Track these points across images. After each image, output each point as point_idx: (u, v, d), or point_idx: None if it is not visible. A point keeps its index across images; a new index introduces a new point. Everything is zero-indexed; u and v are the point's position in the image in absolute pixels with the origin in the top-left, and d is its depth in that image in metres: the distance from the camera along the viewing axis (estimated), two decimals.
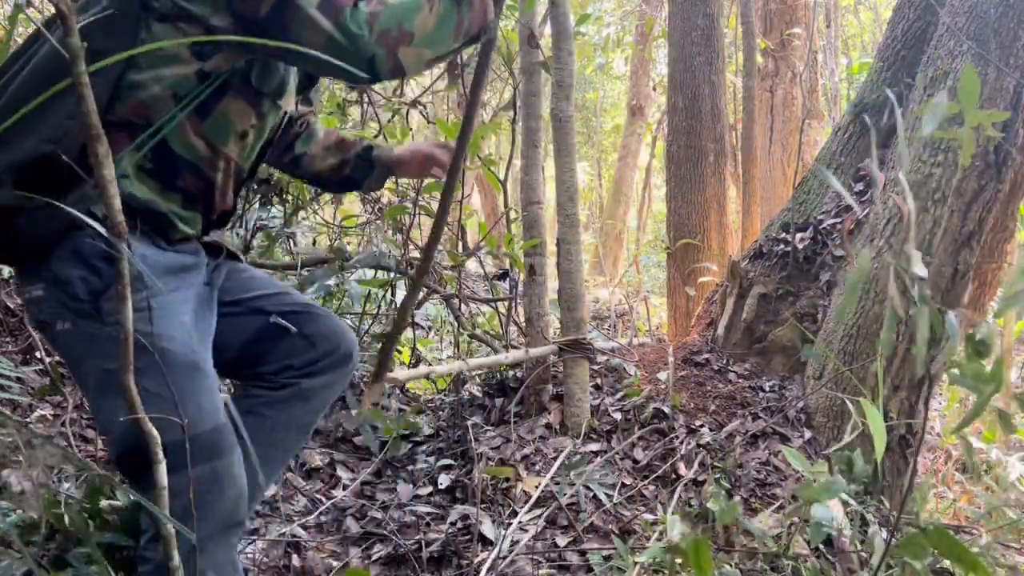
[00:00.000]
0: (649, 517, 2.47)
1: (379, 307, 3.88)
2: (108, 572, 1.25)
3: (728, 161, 5.22)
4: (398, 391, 3.52)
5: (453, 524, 2.45)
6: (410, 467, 2.89)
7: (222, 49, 1.32)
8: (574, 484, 2.54)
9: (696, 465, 2.75)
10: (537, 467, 2.73)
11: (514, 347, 3.30)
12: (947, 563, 1.81)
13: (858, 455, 2.06)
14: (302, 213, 3.69)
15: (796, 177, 4.40)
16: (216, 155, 1.44)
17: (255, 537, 2.24)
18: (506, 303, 3.75)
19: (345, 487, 2.75)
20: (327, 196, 3.88)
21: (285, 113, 1.60)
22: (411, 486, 2.76)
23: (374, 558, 2.26)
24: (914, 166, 3.10)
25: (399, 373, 2.47)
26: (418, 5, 1.28)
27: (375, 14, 1.25)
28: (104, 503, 1.66)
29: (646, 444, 2.91)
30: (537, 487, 2.56)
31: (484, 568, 2.14)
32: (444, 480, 2.73)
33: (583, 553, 2.25)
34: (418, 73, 1.34)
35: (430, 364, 3.86)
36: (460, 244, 3.74)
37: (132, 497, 1.13)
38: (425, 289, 3.80)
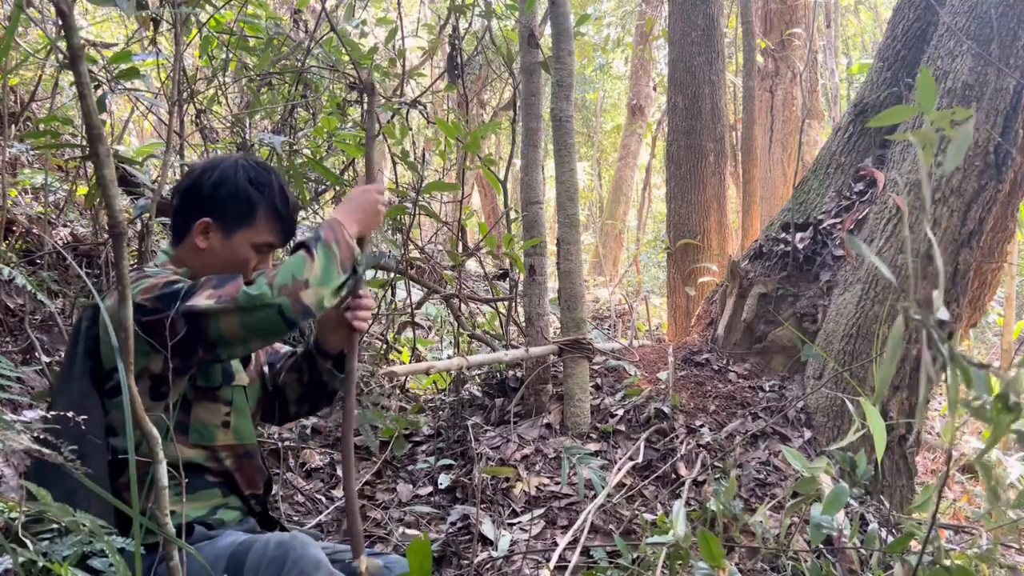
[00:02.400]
0: (649, 517, 2.47)
1: (379, 306, 3.88)
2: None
3: (728, 161, 5.22)
4: (398, 391, 3.52)
5: (453, 524, 2.45)
6: (410, 467, 2.89)
7: (172, 382, 1.49)
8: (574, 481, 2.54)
9: (697, 465, 2.75)
10: (537, 467, 2.73)
11: (514, 347, 3.30)
12: (947, 562, 1.81)
13: (861, 456, 2.05)
14: (302, 213, 3.69)
15: (796, 177, 4.40)
16: (215, 452, 1.62)
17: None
18: (506, 303, 3.75)
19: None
20: (327, 196, 3.89)
21: (252, 384, 1.78)
22: (411, 486, 2.76)
23: None
24: (914, 166, 3.11)
25: (398, 368, 2.48)
26: (302, 259, 1.47)
27: (271, 275, 1.44)
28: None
29: (646, 444, 2.91)
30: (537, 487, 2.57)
31: (484, 568, 2.14)
32: (444, 480, 2.73)
33: (584, 552, 2.25)
34: (323, 310, 1.50)
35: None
36: (460, 244, 3.74)
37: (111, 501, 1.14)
38: (425, 289, 3.80)
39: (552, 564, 2.06)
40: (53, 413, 1.42)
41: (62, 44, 2.33)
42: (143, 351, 1.45)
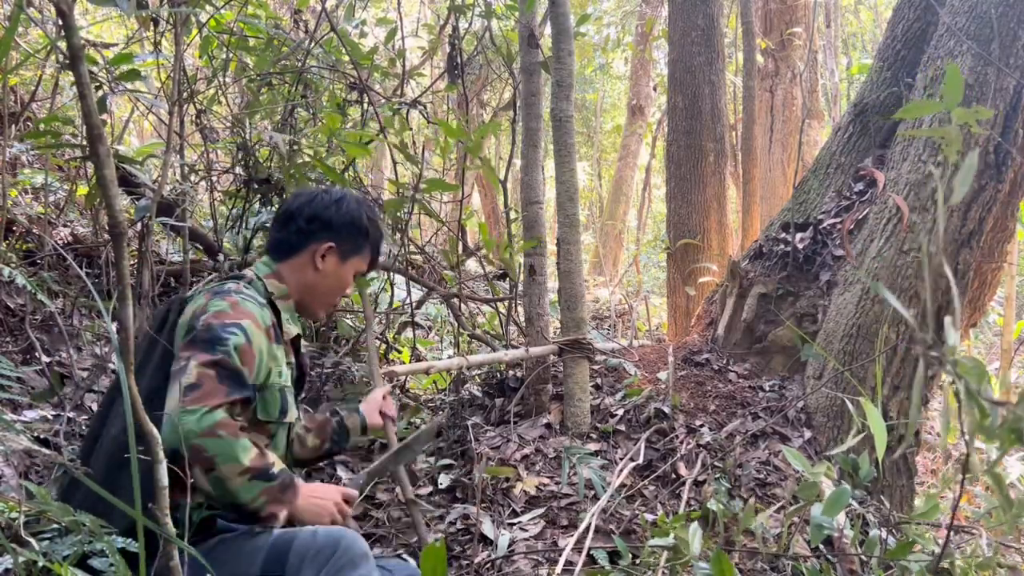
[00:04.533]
0: (649, 517, 2.47)
1: (376, 303, 3.88)
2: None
3: (728, 161, 5.22)
4: (398, 391, 3.52)
5: (453, 524, 2.45)
6: (410, 467, 2.89)
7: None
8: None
9: (697, 465, 2.75)
10: (537, 467, 2.73)
11: (514, 347, 3.30)
12: (946, 564, 1.82)
13: (863, 458, 2.05)
14: None
15: (796, 177, 4.40)
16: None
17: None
18: (506, 303, 3.74)
19: (345, 487, 2.75)
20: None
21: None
22: (411, 486, 2.76)
23: None
24: (914, 166, 3.10)
25: (398, 368, 2.48)
26: (243, 457, 1.48)
27: (215, 434, 1.44)
28: None
29: (646, 444, 2.90)
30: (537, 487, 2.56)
31: (484, 568, 2.14)
32: (444, 480, 2.72)
33: (584, 552, 2.25)
34: (197, 489, 1.49)
35: None
36: (460, 244, 3.74)
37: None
38: (425, 288, 3.80)
39: (559, 568, 2.06)
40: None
41: (62, 44, 2.32)
42: None
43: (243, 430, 1.57)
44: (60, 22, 0.90)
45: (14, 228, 3.10)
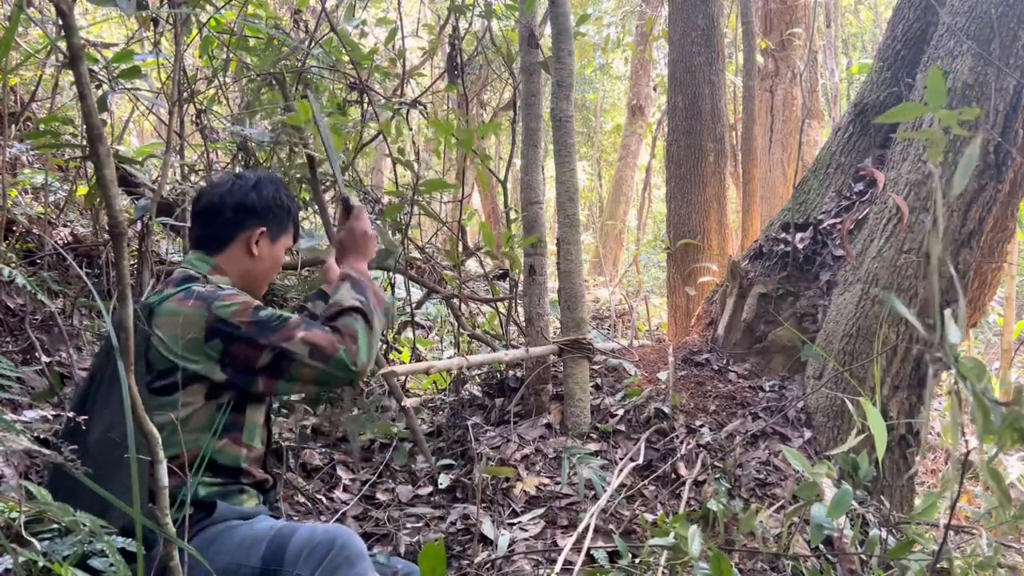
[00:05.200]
0: (649, 517, 2.47)
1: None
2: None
3: (728, 161, 5.22)
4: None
5: (453, 524, 2.45)
6: (410, 467, 2.89)
7: (229, 388, 1.62)
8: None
9: (697, 465, 2.75)
10: (537, 467, 2.73)
11: (514, 347, 3.30)
12: (945, 563, 1.81)
13: (863, 458, 2.05)
14: (302, 214, 3.69)
15: (796, 177, 4.40)
16: (250, 451, 1.72)
17: None
18: (506, 303, 3.74)
19: (345, 487, 2.75)
20: (327, 196, 3.88)
21: None
22: (411, 486, 2.76)
23: None
24: (914, 166, 3.10)
25: (398, 368, 2.48)
26: (366, 332, 1.64)
27: (354, 349, 1.60)
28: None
29: (646, 444, 2.90)
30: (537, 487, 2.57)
31: (484, 568, 2.14)
32: (444, 480, 2.72)
33: (584, 552, 2.25)
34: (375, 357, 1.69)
35: None
36: (460, 244, 3.74)
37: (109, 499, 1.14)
38: (425, 289, 3.80)
39: (558, 568, 2.06)
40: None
41: (62, 44, 2.32)
42: (211, 357, 1.57)
43: (244, 406, 1.65)
44: (60, 22, 0.90)
45: (14, 228, 3.10)
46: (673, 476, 2.73)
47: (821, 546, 2.21)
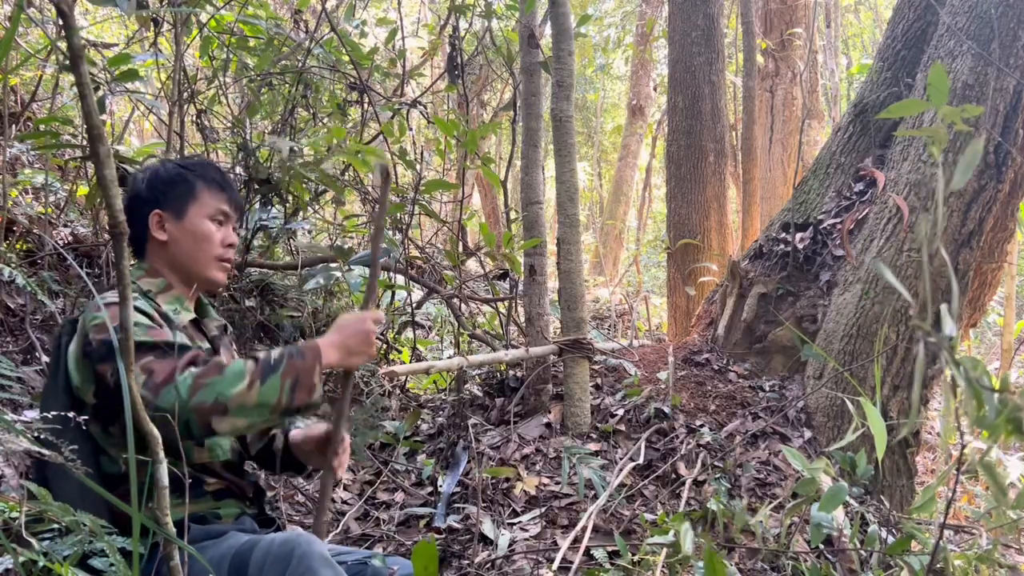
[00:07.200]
0: (649, 517, 2.47)
1: (378, 304, 3.88)
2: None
3: (728, 161, 5.22)
4: (399, 391, 3.52)
5: (453, 524, 2.45)
6: (410, 467, 2.89)
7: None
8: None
9: (697, 465, 2.75)
10: (537, 467, 2.73)
11: (514, 347, 3.30)
12: (942, 563, 1.81)
13: (861, 456, 2.06)
14: (302, 213, 3.69)
15: (796, 177, 4.40)
16: (217, 461, 1.64)
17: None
18: (506, 303, 3.75)
19: (345, 487, 2.75)
20: (327, 196, 3.89)
21: None
22: (411, 486, 2.76)
23: None
24: (914, 166, 3.11)
25: (398, 368, 2.48)
26: (239, 380, 1.38)
27: (197, 386, 1.37)
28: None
29: (646, 444, 2.91)
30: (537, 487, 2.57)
31: (484, 568, 2.14)
32: (449, 486, 2.72)
33: (584, 552, 2.25)
34: (235, 435, 1.54)
35: None
36: (460, 244, 3.74)
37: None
38: (425, 289, 3.80)
39: (556, 565, 2.06)
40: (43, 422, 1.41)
41: (62, 44, 2.33)
42: (88, 378, 1.48)
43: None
44: (60, 22, 0.90)
45: (14, 228, 3.10)
46: (673, 476, 2.73)
47: (821, 545, 2.21)
